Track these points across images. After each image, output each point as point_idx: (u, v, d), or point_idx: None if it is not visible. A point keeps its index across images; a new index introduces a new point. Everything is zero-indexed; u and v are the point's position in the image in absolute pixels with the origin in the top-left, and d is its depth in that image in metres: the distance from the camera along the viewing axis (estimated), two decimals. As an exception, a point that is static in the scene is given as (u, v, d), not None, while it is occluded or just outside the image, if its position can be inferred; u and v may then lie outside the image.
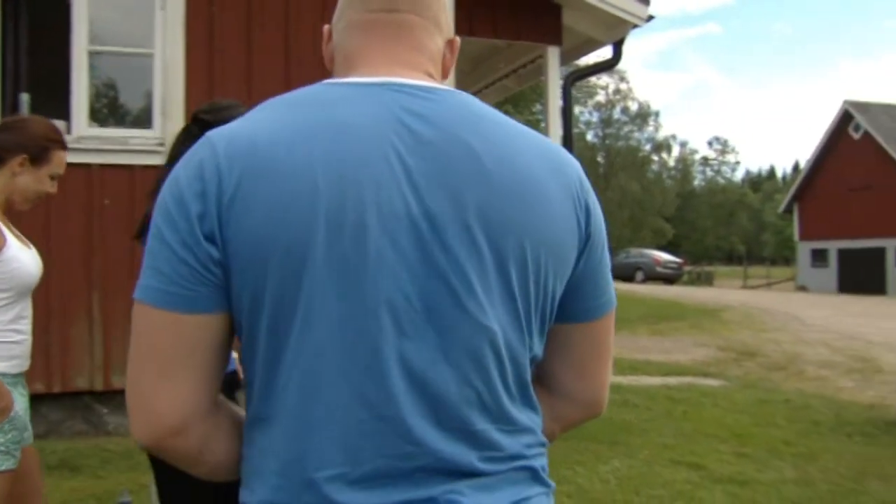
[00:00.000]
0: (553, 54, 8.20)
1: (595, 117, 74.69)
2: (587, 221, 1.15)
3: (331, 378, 1.01)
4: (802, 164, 45.98)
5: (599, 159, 75.08)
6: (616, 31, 8.28)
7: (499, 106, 22.45)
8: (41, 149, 2.74)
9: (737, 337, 15.16)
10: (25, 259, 2.67)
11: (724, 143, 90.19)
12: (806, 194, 41.53)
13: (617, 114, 75.05)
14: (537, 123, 22.94)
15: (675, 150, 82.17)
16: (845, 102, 39.09)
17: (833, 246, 39.11)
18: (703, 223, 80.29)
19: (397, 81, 1.11)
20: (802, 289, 39.75)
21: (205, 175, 1.01)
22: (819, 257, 40.40)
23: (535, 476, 1.14)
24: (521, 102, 24.50)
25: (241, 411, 1.17)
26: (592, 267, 1.18)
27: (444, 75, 1.26)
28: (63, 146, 2.80)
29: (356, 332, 1.01)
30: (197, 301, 1.02)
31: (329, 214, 0.99)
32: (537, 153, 1.12)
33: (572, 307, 1.19)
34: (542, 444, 1.17)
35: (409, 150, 1.04)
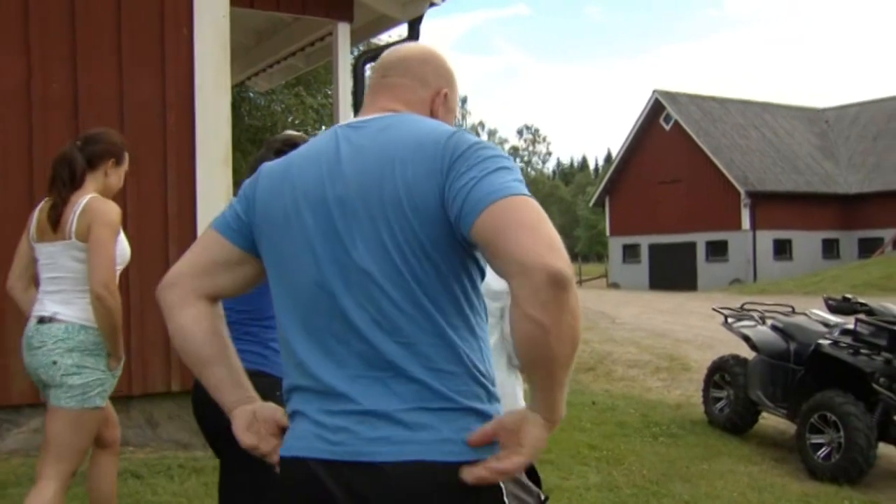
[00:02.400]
0: (343, 31, 8.25)
1: (397, 102, 75.73)
2: (440, 163, 1.73)
3: None
4: (615, 154, 48.36)
5: (403, 148, 76.11)
6: (412, 8, 8.44)
7: (290, 87, 22.26)
8: (121, 153, 3.95)
9: (546, 338, 15.72)
10: (125, 241, 3.88)
11: (535, 133, 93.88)
12: (617, 187, 43.67)
13: (421, 99, 76.44)
14: (330, 107, 22.88)
15: (483, 139, 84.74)
16: (655, 92, 41.50)
17: (644, 241, 41.51)
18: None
19: (352, 120, 1.94)
20: (615, 286, 41.96)
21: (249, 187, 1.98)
22: (630, 253, 42.78)
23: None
24: (315, 84, 24.33)
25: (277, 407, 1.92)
26: (459, 186, 1.69)
27: (434, 115, 1.98)
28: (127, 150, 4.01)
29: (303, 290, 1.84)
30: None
31: (282, 206, 1.86)
32: (413, 139, 1.79)
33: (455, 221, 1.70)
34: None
35: (333, 157, 1.85)
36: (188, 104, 6.19)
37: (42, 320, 3.69)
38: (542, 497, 2.35)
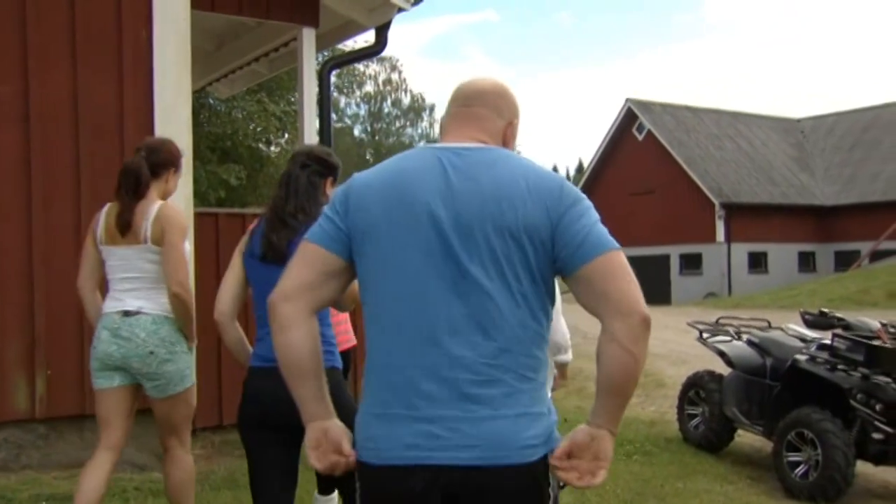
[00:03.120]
0: (308, 37, 8.25)
1: (363, 110, 75.50)
2: (553, 210, 2.18)
3: None
4: (587, 164, 48.58)
5: (368, 157, 75.94)
6: (379, 14, 8.45)
7: (252, 94, 22.15)
8: (179, 161, 4.50)
9: (516, 354, 15.75)
10: (190, 244, 4.45)
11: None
12: (588, 198, 43.82)
13: (387, 107, 76.26)
14: (294, 115, 22.79)
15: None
16: (628, 101, 41.72)
17: (617, 254, 41.57)
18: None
19: (451, 145, 2.30)
20: (587, 300, 42.00)
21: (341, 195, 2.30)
22: (603, 266, 42.81)
23: None
24: (278, 91, 24.24)
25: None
26: (571, 235, 2.17)
27: (506, 143, 2.40)
28: None
29: (405, 293, 2.19)
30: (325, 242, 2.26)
31: (386, 215, 2.19)
32: (521, 174, 2.21)
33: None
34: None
35: (445, 183, 2.19)
36: (147, 110, 6.14)
37: (128, 314, 4.22)
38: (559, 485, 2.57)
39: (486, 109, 2.39)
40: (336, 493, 4.67)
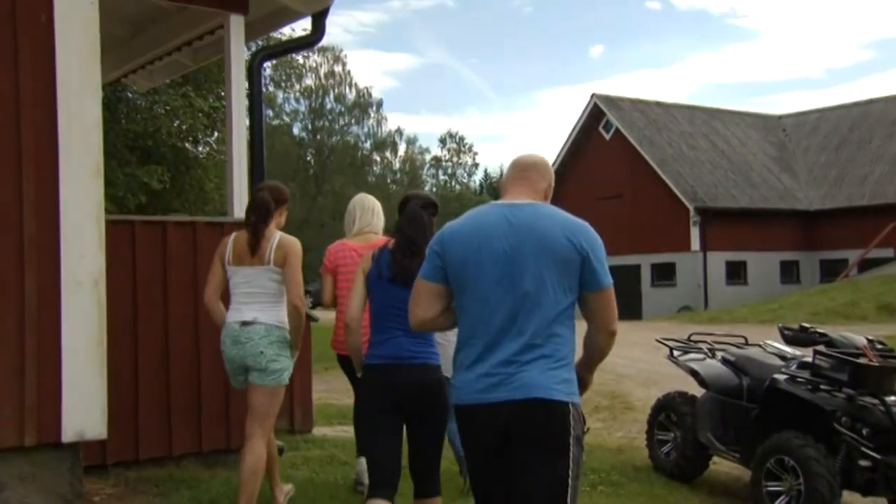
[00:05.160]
0: (236, 24, 8.18)
1: (303, 106, 75.25)
2: (581, 251, 3.87)
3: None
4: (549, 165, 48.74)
5: (309, 158, 75.69)
6: (315, 0, 8.40)
7: (176, 87, 21.95)
8: (288, 199, 6.22)
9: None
10: None
11: (460, 141, 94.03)
12: (552, 203, 43.90)
13: (330, 102, 76.09)
14: (223, 110, 22.62)
15: (402, 149, 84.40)
16: (594, 96, 42.02)
17: (583, 264, 41.72)
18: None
19: (512, 202, 4.03)
20: (550, 315, 42.11)
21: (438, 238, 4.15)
22: (568, 277, 42.97)
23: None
24: (206, 84, 24.05)
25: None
26: (588, 269, 3.88)
27: (546, 198, 4.18)
28: None
29: (483, 300, 3.94)
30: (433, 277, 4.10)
31: (473, 253, 3.93)
32: (560, 224, 3.93)
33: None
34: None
35: (509, 228, 3.90)
36: (48, 103, 5.97)
37: (245, 323, 5.81)
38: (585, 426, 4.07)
39: (535, 175, 4.17)
40: None
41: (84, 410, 6.00)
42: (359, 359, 5.16)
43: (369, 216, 6.92)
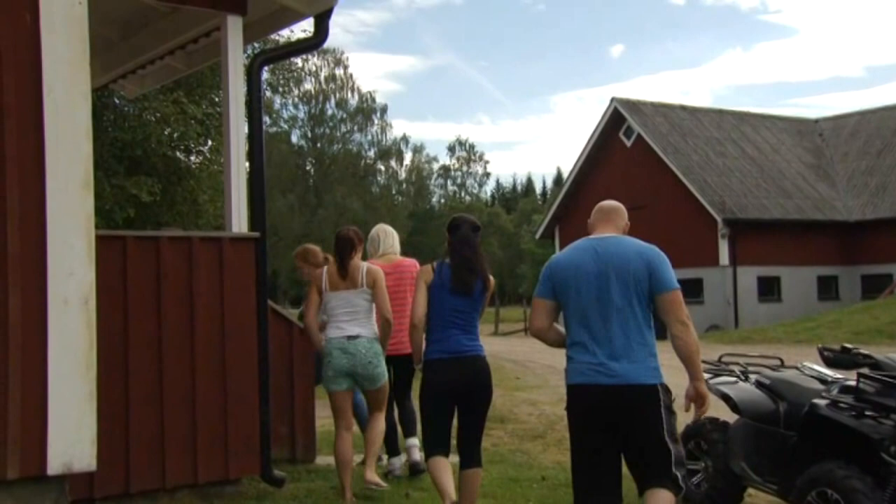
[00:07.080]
0: (234, 26, 8.22)
1: (302, 112, 75.35)
2: (649, 266, 5.74)
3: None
4: (567, 174, 48.70)
5: (308, 168, 75.78)
6: (318, 0, 8.41)
7: (167, 93, 22.00)
8: (363, 241, 8.55)
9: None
10: None
11: (470, 149, 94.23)
12: (568, 215, 43.49)
13: (331, 108, 76.17)
14: (218, 117, 22.63)
15: (408, 158, 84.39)
16: (614, 100, 41.98)
17: (604, 280, 41.57)
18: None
19: (599, 236, 5.97)
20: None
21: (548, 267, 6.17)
22: (587, 295, 42.80)
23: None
24: (199, 89, 24.08)
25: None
26: (656, 277, 5.73)
27: (624, 232, 6.04)
28: None
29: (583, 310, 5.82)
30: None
31: (573, 276, 5.85)
32: (634, 249, 5.79)
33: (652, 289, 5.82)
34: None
35: (596, 256, 5.80)
36: (34, 111, 5.94)
37: (351, 338, 7.76)
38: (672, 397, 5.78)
39: (616, 216, 6.01)
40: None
41: (71, 440, 5.91)
42: (419, 353, 6.94)
43: (391, 241, 9.22)
